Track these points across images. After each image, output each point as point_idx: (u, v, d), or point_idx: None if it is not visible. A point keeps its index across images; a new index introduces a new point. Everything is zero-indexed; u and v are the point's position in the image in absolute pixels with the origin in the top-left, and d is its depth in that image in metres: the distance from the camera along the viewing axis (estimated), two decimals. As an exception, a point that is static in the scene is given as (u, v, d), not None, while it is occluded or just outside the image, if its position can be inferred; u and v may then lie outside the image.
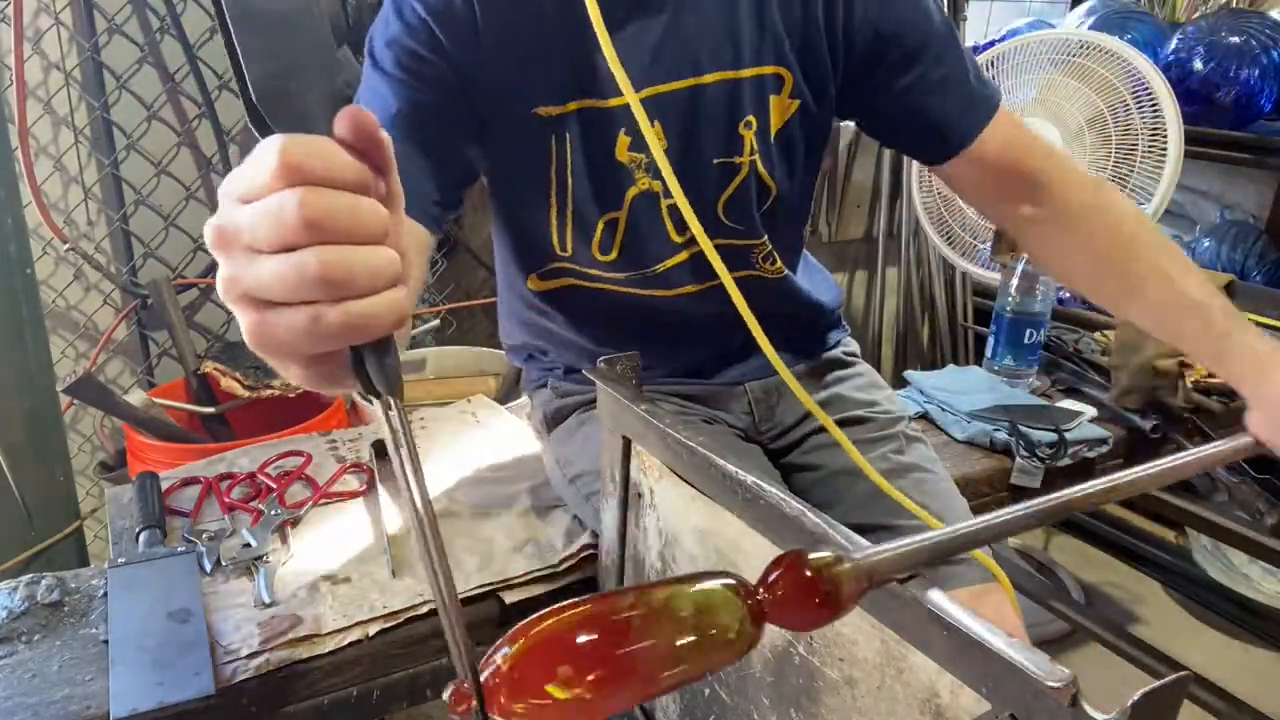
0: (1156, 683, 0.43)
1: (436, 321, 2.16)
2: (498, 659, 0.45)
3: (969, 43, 2.75)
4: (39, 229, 1.72)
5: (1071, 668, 0.46)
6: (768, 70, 0.92)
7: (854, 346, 1.22)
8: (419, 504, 0.45)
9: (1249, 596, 2.29)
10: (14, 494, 1.53)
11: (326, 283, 0.41)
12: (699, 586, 0.49)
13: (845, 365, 1.18)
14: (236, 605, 0.91)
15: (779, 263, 1.04)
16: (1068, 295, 2.26)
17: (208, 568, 0.96)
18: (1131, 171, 1.81)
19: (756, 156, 0.95)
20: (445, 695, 0.45)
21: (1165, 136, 1.77)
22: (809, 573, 0.50)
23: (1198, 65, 2.19)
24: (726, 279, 0.75)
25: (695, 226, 0.76)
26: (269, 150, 0.41)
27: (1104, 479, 0.73)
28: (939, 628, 0.53)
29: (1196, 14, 2.58)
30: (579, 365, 1.12)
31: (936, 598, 0.54)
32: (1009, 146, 0.96)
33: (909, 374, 1.60)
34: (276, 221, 0.40)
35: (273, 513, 1.06)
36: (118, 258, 1.87)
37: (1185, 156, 1.78)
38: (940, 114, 0.95)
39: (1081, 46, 1.91)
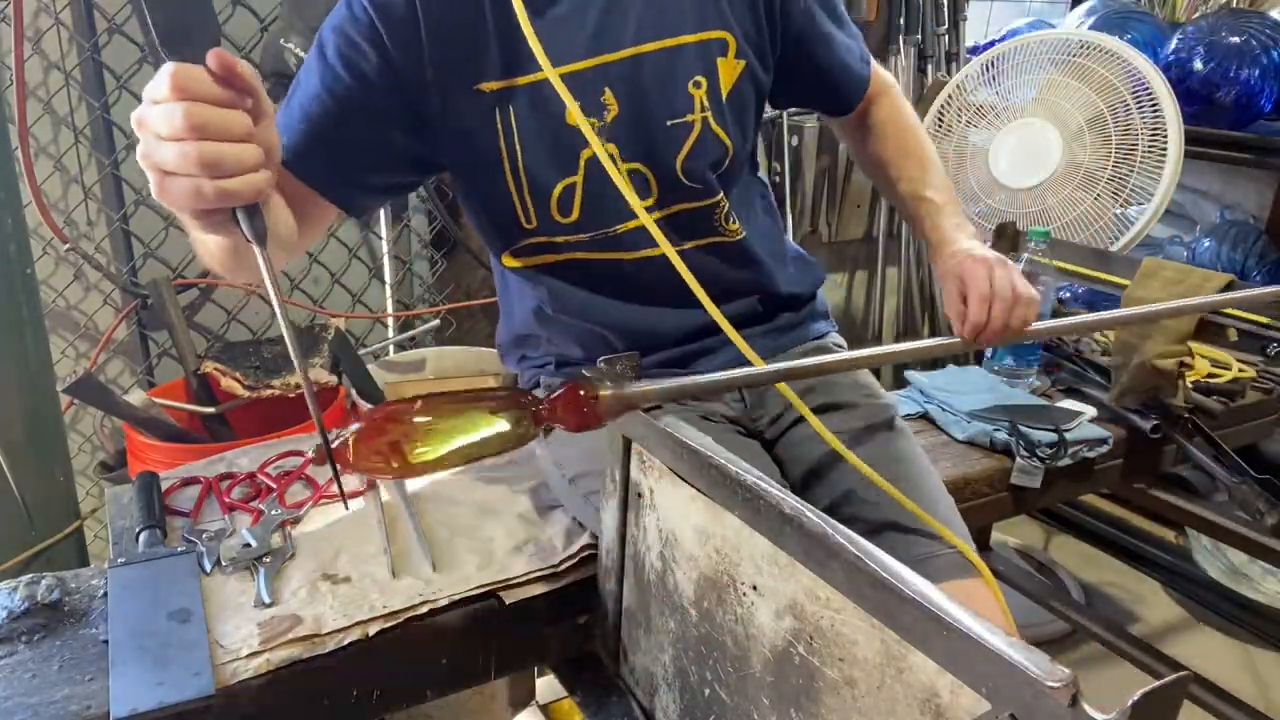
0: (1156, 683, 0.44)
1: (436, 321, 2.16)
2: (346, 433, 0.75)
3: (969, 43, 2.75)
4: (39, 229, 1.72)
5: (1071, 668, 0.46)
6: (713, 35, 0.99)
7: (841, 341, 1.25)
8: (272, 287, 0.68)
9: (1249, 596, 2.29)
10: (14, 494, 1.53)
11: (203, 165, 0.63)
12: (503, 398, 0.80)
13: (833, 354, 1.19)
14: (236, 605, 0.91)
15: (738, 223, 1.08)
16: (1068, 295, 2.26)
17: (208, 568, 0.96)
18: (1131, 171, 1.81)
19: (708, 114, 1.00)
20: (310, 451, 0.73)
21: (1165, 136, 1.77)
22: (582, 393, 0.79)
23: (1198, 65, 2.19)
24: (667, 248, 0.86)
25: (629, 194, 0.87)
26: (166, 73, 0.62)
27: (844, 354, 0.97)
28: (939, 628, 0.53)
29: (1196, 14, 2.58)
30: (568, 355, 1.14)
31: (926, 589, 0.54)
32: (870, 90, 1.18)
33: (909, 374, 1.60)
34: (169, 123, 0.62)
35: (273, 513, 1.06)
36: (118, 258, 1.87)
37: (1185, 156, 1.78)
38: (847, 74, 1.13)
39: (1081, 46, 1.91)
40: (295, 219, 0.93)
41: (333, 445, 0.74)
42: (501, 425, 0.78)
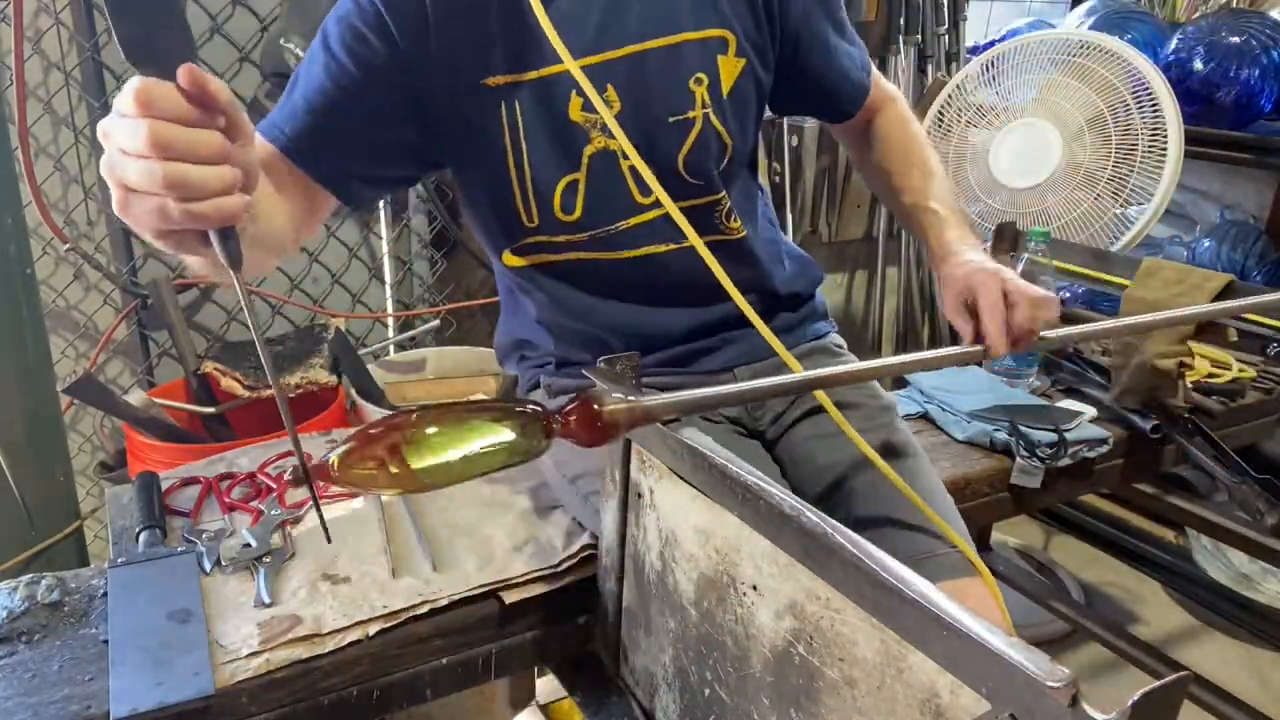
0: (1156, 683, 0.44)
1: (436, 322, 2.16)
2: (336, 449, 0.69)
3: (969, 42, 2.75)
4: (39, 229, 1.72)
5: (1071, 668, 0.46)
6: (713, 33, 1.00)
7: (840, 341, 1.25)
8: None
9: (1249, 596, 2.29)
10: (14, 494, 1.53)
11: (169, 186, 0.60)
12: (511, 408, 0.75)
13: (834, 354, 1.20)
14: (236, 605, 0.91)
15: (739, 221, 1.09)
16: (1068, 295, 2.26)
17: (208, 568, 0.96)
18: (1131, 171, 1.81)
19: (709, 111, 1.01)
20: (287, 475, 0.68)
21: (1165, 136, 1.77)
22: (595, 406, 0.75)
23: (1198, 65, 2.19)
24: (692, 236, 0.87)
25: (651, 180, 0.88)
26: (132, 86, 0.59)
27: (856, 365, 0.92)
28: (939, 628, 0.53)
29: (1196, 14, 2.58)
30: (569, 356, 1.14)
31: (926, 589, 0.54)
32: (872, 96, 1.17)
33: (909, 374, 1.60)
34: (134, 139, 0.59)
35: (273, 513, 1.06)
36: (118, 258, 1.87)
37: (1185, 156, 1.78)
38: (845, 81, 1.12)
39: (1081, 46, 1.91)
40: (294, 210, 0.92)
41: (315, 462, 0.70)
42: (509, 437, 0.75)
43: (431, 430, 0.73)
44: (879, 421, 1.09)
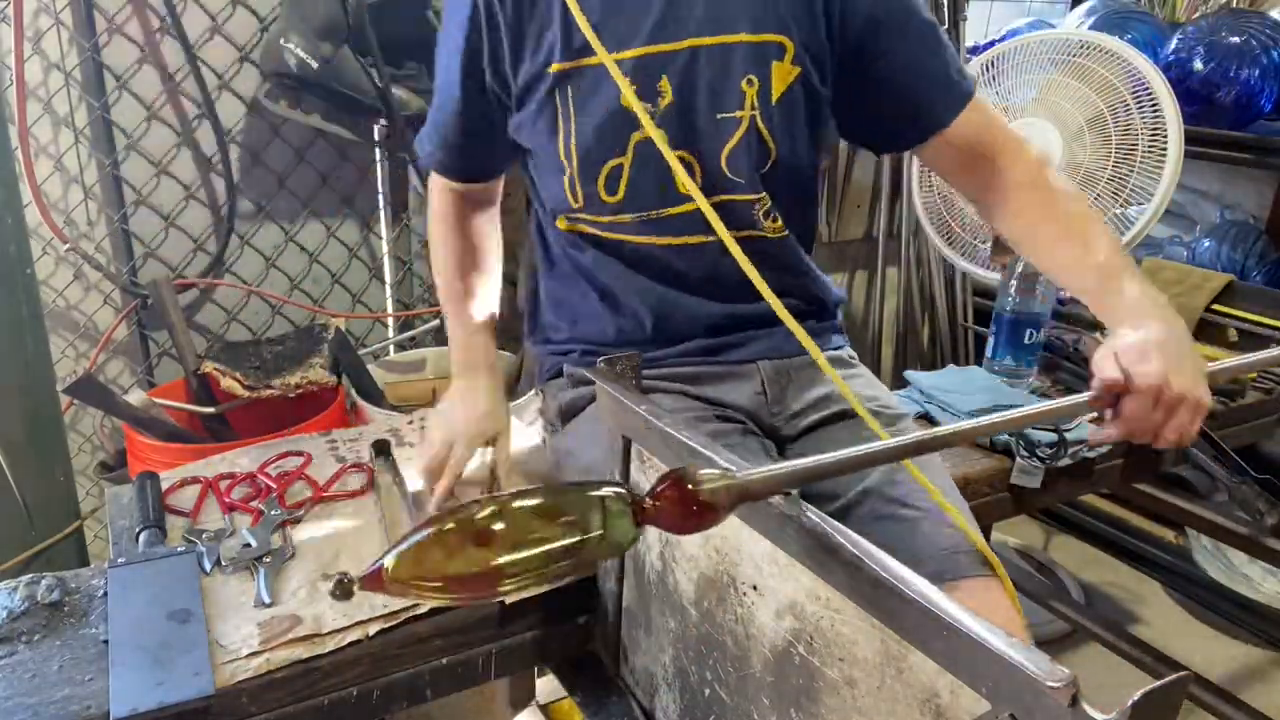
0: (1156, 683, 0.44)
1: (436, 322, 2.16)
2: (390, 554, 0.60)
3: (969, 43, 2.75)
4: (39, 229, 1.72)
5: (1071, 668, 0.46)
6: (770, 38, 1.00)
7: (854, 354, 1.25)
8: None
9: (1249, 596, 2.29)
10: (14, 494, 1.53)
11: None
12: (595, 493, 0.64)
13: (847, 365, 1.21)
14: (236, 605, 0.91)
15: (780, 220, 1.09)
16: (1068, 295, 2.26)
17: (208, 568, 0.96)
18: (1131, 171, 1.81)
19: (756, 113, 1.02)
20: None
21: (1165, 136, 1.77)
22: (690, 486, 0.63)
23: (1198, 65, 2.19)
24: (721, 230, 0.92)
25: (678, 170, 0.96)
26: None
27: (973, 421, 0.80)
28: (939, 628, 0.53)
29: (1196, 14, 2.58)
30: (596, 342, 1.15)
31: (926, 589, 0.54)
32: (978, 134, 1.06)
33: (909, 374, 1.60)
34: None
35: (273, 513, 1.06)
36: (118, 258, 1.87)
37: (1185, 156, 1.78)
38: (920, 97, 1.05)
39: (1081, 46, 1.91)
40: (487, 211, 1.22)
41: (366, 570, 0.60)
42: (595, 530, 0.63)
43: (505, 527, 0.61)
44: (893, 430, 1.08)
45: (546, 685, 1.35)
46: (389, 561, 0.59)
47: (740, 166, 1.03)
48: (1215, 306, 1.68)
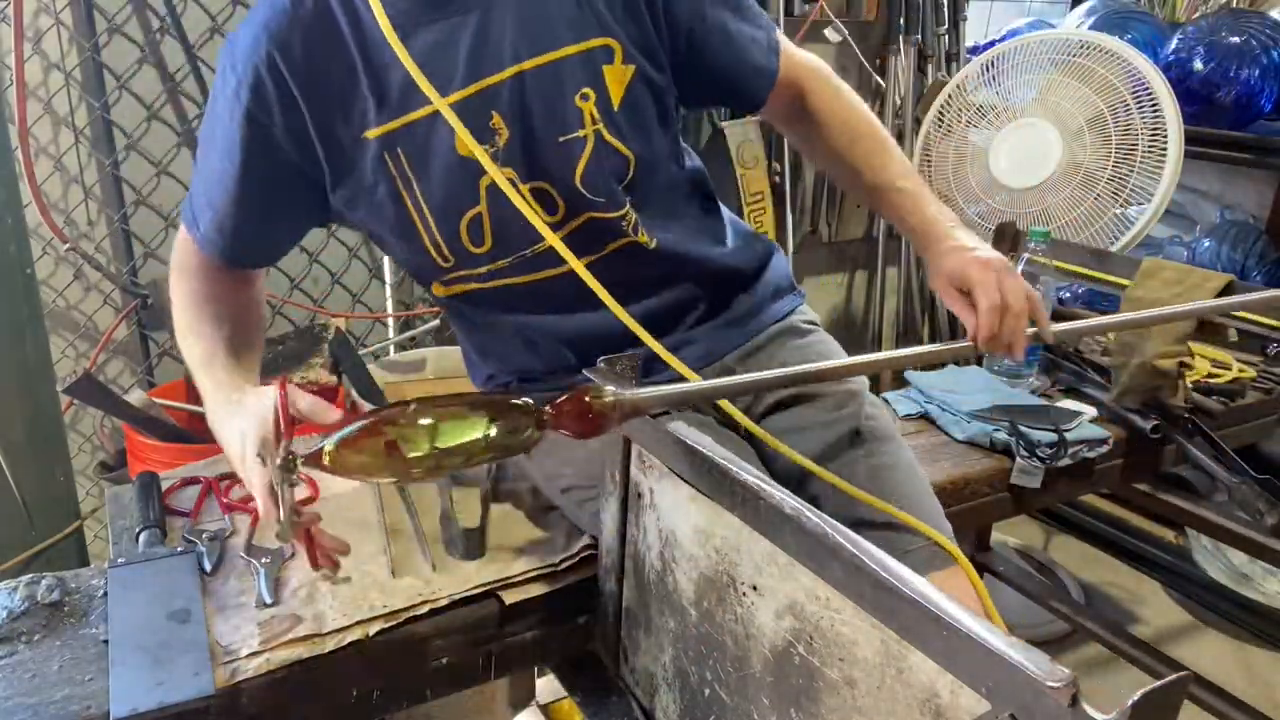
0: (1156, 683, 0.44)
1: (436, 321, 2.16)
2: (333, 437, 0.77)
3: (969, 43, 2.75)
4: (39, 229, 1.72)
5: (1071, 668, 0.46)
6: (595, 43, 0.95)
7: (811, 315, 1.21)
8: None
9: (1249, 596, 2.29)
10: (14, 494, 1.53)
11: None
12: (505, 400, 0.80)
13: (802, 333, 1.16)
14: (236, 605, 0.91)
15: (646, 234, 1.04)
16: (1068, 295, 2.26)
17: (208, 568, 0.96)
18: (1131, 171, 1.81)
19: (600, 126, 0.97)
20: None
21: (1165, 136, 1.77)
22: (586, 399, 0.78)
23: (1198, 65, 2.19)
24: (573, 262, 0.90)
25: (529, 213, 0.91)
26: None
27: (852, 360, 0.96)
28: (939, 627, 0.53)
29: (1196, 14, 2.58)
30: (524, 369, 1.12)
31: (926, 589, 0.54)
32: (786, 78, 1.10)
33: (909, 374, 1.60)
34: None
35: (273, 513, 1.06)
36: (118, 258, 1.87)
37: (1185, 156, 1.78)
38: (745, 66, 1.07)
39: (1081, 46, 1.91)
40: (250, 295, 1.07)
41: (309, 450, 0.78)
42: (500, 429, 0.78)
43: (424, 421, 0.76)
44: (847, 410, 1.07)
45: (546, 685, 1.35)
46: (329, 445, 0.76)
47: (598, 185, 0.98)
48: (1215, 306, 1.67)
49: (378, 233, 1.04)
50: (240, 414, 0.89)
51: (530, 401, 0.79)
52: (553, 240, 0.90)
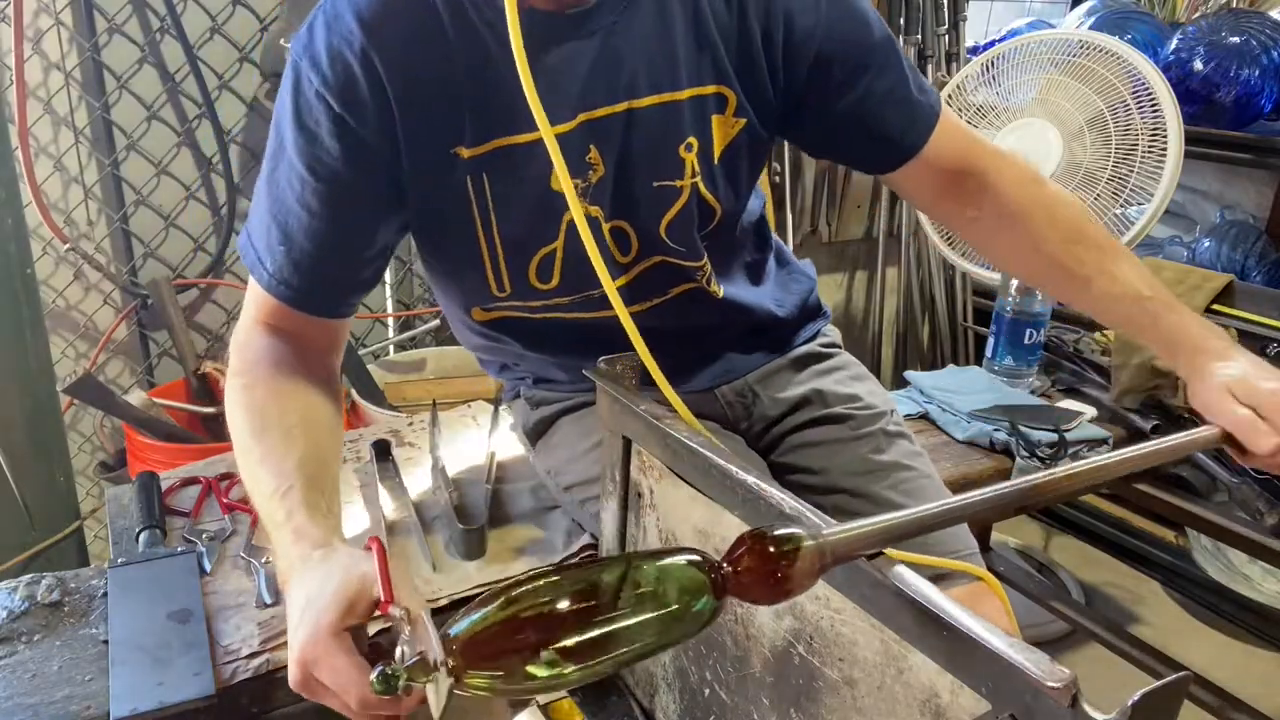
0: (1156, 683, 0.43)
1: (436, 321, 2.16)
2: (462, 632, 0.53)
3: (969, 43, 2.75)
4: (39, 229, 1.72)
5: (1071, 668, 0.46)
6: (709, 90, 0.90)
7: (834, 336, 1.19)
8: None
9: (1249, 596, 2.29)
10: (14, 494, 1.53)
11: None
12: (665, 562, 0.55)
13: (823, 358, 1.15)
14: (236, 605, 0.91)
15: (718, 285, 1.02)
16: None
17: (208, 568, 0.96)
18: (1131, 171, 1.81)
19: (699, 179, 0.92)
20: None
21: (1165, 136, 1.77)
22: (771, 549, 0.53)
23: (1198, 65, 2.19)
24: (624, 314, 0.78)
25: (599, 265, 0.77)
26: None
27: (1074, 465, 0.75)
28: (939, 628, 0.53)
29: (1196, 14, 2.58)
30: (544, 374, 1.11)
31: (912, 579, 0.54)
32: (952, 151, 0.98)
33: (909, 374, 1.60)
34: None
35: (273, 513, 1.06)
36: (118, 258, 1.87)
37: (1185, 156, 1.78)
38: (886, 127, 0.96)
39: (1081, 46, 1.91)
40: (318, 363, 0.88)
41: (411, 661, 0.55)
42: (672, 607, 0.54)
43: (575, 625, 0.52)
44: (866, 431, 1.07)
45: (546, 685, 1.35)
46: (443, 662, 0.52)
47: (682, 234, 0.94)
48: (1215, 307, 1.68)
49: (435, 255, 0.97)
50: (328, 576, 0.66)
51: (702, 557, 0.55)
52: (609, 290, 0.77)
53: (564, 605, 0.52)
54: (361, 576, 0.65)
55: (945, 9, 2.62)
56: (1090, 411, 1.45)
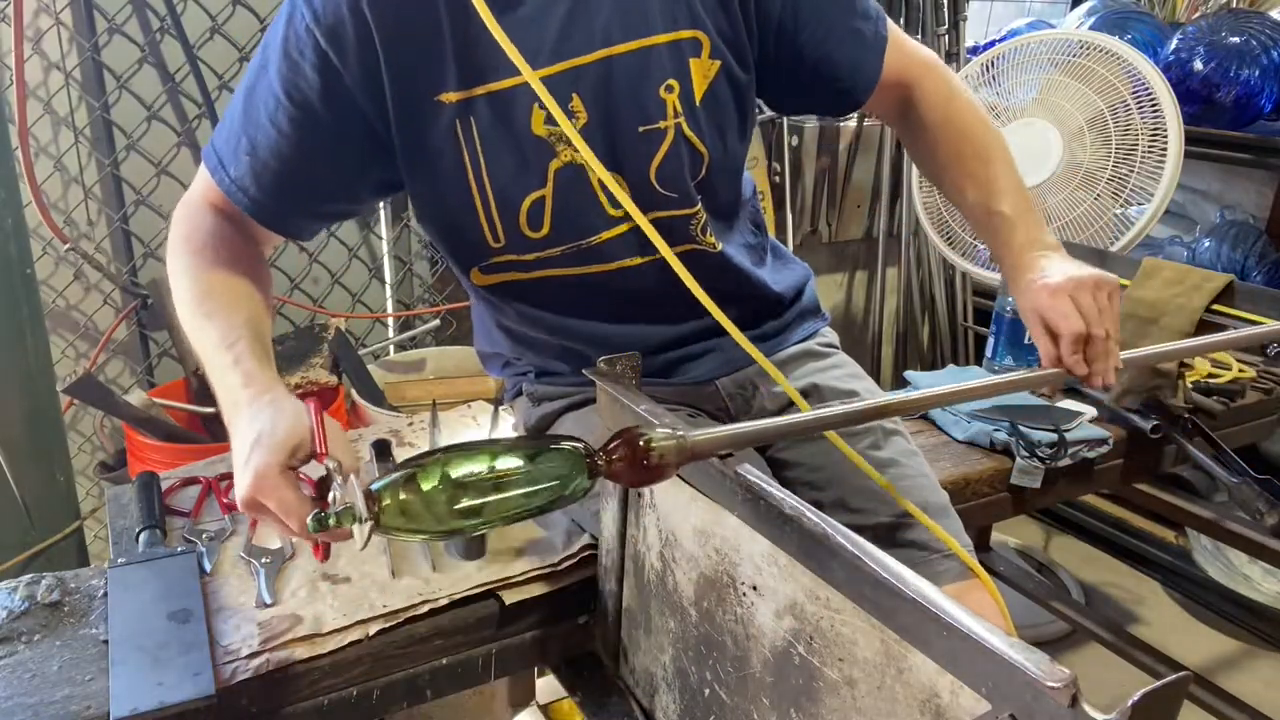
0: (1156, 683, 0.44)
1: (436, 321, 2.16)
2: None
3: (969, 43, 2.75)
4: (39, 229, 1.72)
5: (1071, 668, 0.46)
6: (684, 34, 0.93)
7: (832, 338, 1.21)
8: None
9: (1249, 596, 2.29)
10: (14, 494, 1.53)
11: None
12: (554, 446, 0.71)
13: (821, 356, 1.16)
14: (236, 605, 0.91)
15: (713, 236, 1.03)
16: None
17: (208, 568, 0.96)
18: (1131, 171, 1.81)
19: (681, 120, 0.95)
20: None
21: (1165, 136, 1.77)
22: (640, 443, 0.69)
23: (1198, 65, 2.19)
24: (664, 249, 0.85)
25: (622, 197, 0.87)
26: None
27: (928, 390, 0.88)
28: (939, 628, 0.53)
29: (1196, 14, 2.58)
30: (546, 366, 1.12)
31: (926, 589, 0.54)
32: (894, 75, 1.05)
33: (909, 374, 1.60)
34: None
35: (273, 513, 1.06)
36: (118, 258, 1.87)
37: (1185, 156, 1.78)
38: (848, 65, 1.02)
39: (1081, 46, 1.91)
40: (255, 250, 0.94)
41: (356, 503, 0.67)
42: (551, 480, 0.70)
43: (463, 473, 0.67)
44: (865, 427, 1.07)
45: (546, 685, 1.35)
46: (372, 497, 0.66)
47: (673, 179, 0.97)
48: (1215, 307, 1.68)
49: (430, 206, 1.00)
50: (278, 419, 0.75)
51: (583, 444, 0.71)
52: (636, 216, 0.87)
53: (466, 472, 0.67)
54: (307, 427, 0.75)
55: (945, 9, 2.62)
56: (1090, 411, 1.45)
